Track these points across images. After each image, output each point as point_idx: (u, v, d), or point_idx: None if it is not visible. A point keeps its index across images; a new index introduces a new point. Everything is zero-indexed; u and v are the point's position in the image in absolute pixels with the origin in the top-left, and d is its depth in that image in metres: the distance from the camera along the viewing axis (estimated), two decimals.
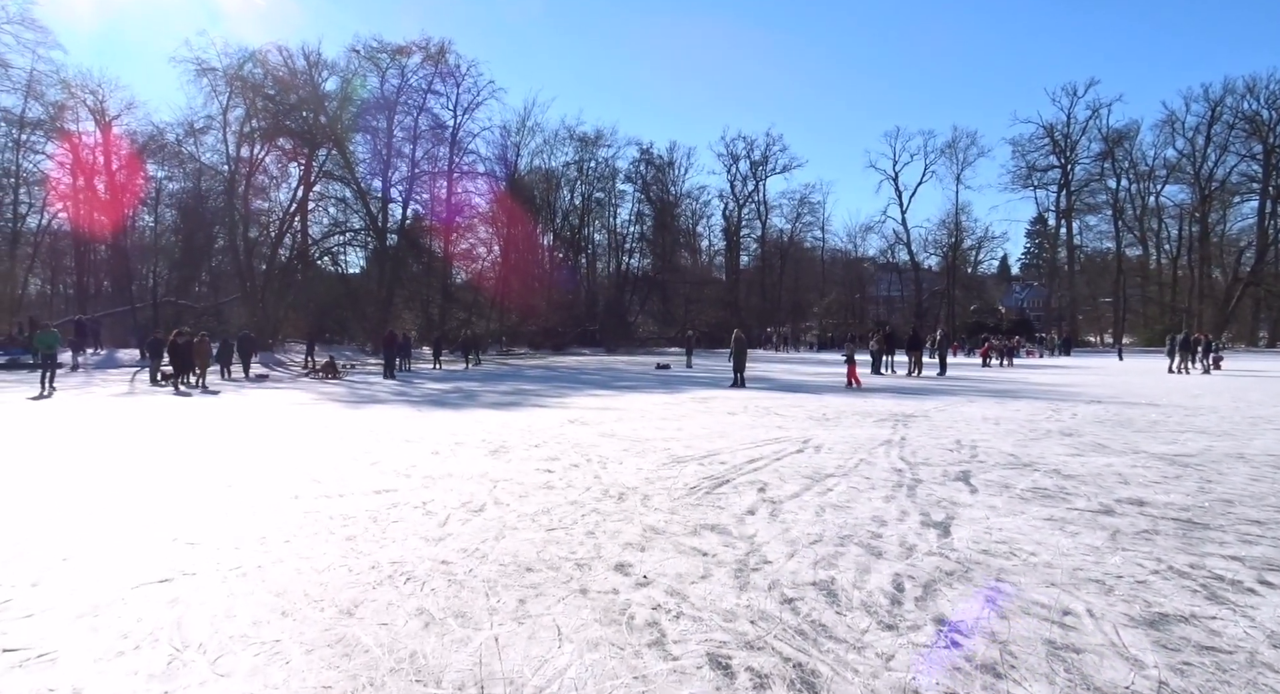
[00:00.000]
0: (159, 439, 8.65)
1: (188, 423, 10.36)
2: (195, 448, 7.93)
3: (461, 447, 7.90)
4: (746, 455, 7.17)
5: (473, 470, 6.48)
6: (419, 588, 3.42)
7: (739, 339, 17.79)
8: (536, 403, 13.29)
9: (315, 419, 10.74)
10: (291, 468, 6.62)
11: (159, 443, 8.33)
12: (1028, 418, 10.41)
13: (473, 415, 11.16)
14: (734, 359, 17.64)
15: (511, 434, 8.89)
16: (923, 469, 6.38)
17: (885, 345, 22.84)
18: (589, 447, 7.86)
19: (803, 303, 66.57)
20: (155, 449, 7.85)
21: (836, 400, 13.34)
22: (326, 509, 5.01)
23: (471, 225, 47.05)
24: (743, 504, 5.07)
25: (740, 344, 17.68)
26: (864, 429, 9.22)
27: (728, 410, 11.66)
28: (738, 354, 17.57)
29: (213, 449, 7.84)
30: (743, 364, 17.54)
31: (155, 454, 7.50)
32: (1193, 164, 52.50)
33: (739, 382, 17.27)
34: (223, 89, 35.79)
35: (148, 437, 8.87)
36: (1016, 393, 15.07)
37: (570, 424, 9.93)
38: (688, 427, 9.56)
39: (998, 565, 3.70)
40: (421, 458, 7.15)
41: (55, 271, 45.59)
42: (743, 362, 17.53)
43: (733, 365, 17.68)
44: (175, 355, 17.33)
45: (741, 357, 17.52)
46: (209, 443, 8.32)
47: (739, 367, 17.47)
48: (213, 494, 5.51)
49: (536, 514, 4.85)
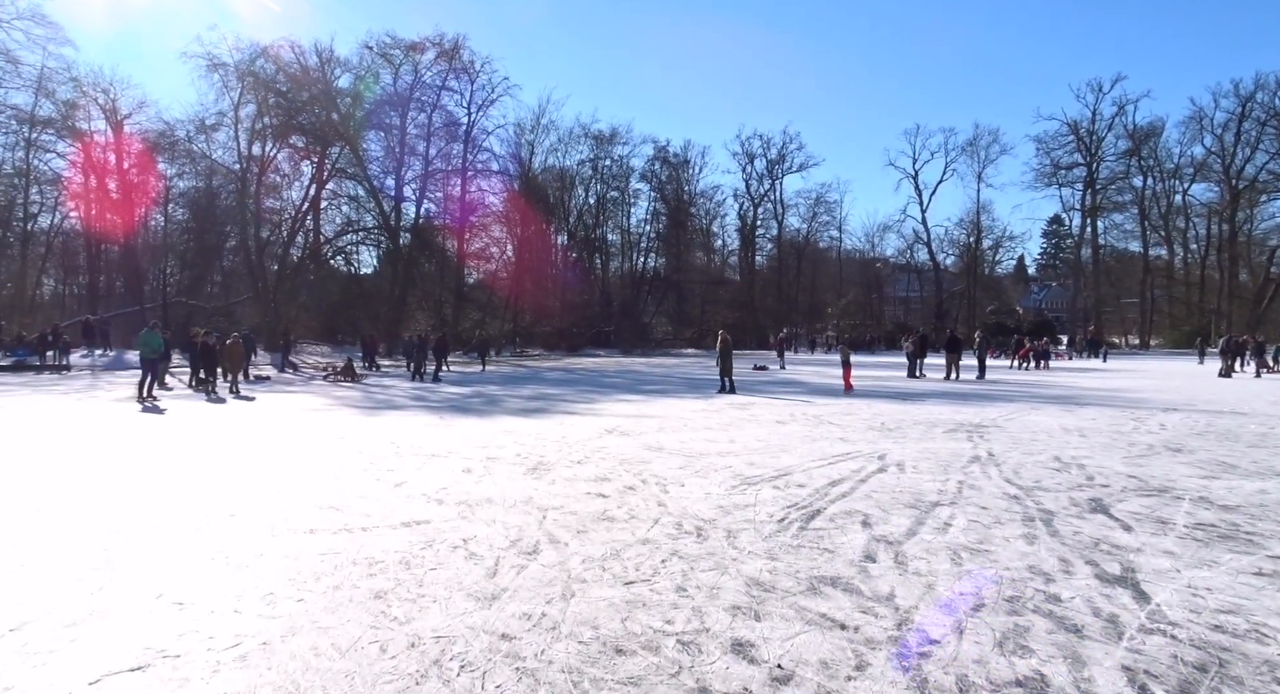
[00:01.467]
0: (157, 453, 7.81)
1: (190, 434, 9.54)
2: (197, 465, 7.08)
3: (495, 463, 7.01)
4: (824, 476, 6.24)
5: (514, 494, 5.58)
6: (478, 684, 2.52)
7: (725, 341, 16.59)
8: (566, 409, 12.40)
9: (330, 428, 9.89)
10: (305, 491, 5.75)
11: (156, 458, 7.49)
12: (1112, 429, 9.41)
13: (500, 424, 10.28)
14: (720, 362, 16.42)
15: (548, 447, 8.00)
16: (1043, 496, 5.42)
17: (920, 348, 21.79)
18: (639, 463, 6.95)
19: (819, 303, 65.37)
20: (151, 466, 7.01)
21: (887, 407, 12.36)
22: (348, 549, 4.13)
23: (485, 224, 46.28)
24: (853, 546, 4.15)
25: (726, 346, 16.45)
26: (937, 442, 8.26)
27: (775, 419, 10.72)
28: (724, 356, 16.36)
29: (216, 466, 6.98)
30: (730, 367, 16.33)
31: (150, 472, 6.65)
32: (1222, 161, 50.97)
33: (727, 386, 16.03)
34: (234, 85, 35.22)
35: (144, 450, 8.04)
36: (1077, 399, 14.03)
37: (609, 435, 9.03)
38: (740, 438, 8.64)
39: (1256, 654, 2.76)
40: (453, 477, 6.26)
41: (67, 271, 45.22)
42: (729, 364, 16.33)
43: (719, 368, 16.43)
44: (205, 358, 16.31)
45: (728, 359, 16.33)
46: (212, 458, 7.47)
47: (726, 370, 16.24)
48: (212, 527, 4.65)
49: (605, 558, 3.94)
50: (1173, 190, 54.70)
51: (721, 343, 16.56)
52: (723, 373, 16.25)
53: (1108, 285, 57.85)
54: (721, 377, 16.26)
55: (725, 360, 16.30)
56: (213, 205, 40.15)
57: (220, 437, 9.05)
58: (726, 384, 16.11)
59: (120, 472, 6.59)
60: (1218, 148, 51.18)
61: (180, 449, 7.99)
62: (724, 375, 16.22)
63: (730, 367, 16.37)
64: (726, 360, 16.30)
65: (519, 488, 5.83)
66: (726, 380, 16.16)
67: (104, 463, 7.07)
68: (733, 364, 16.57)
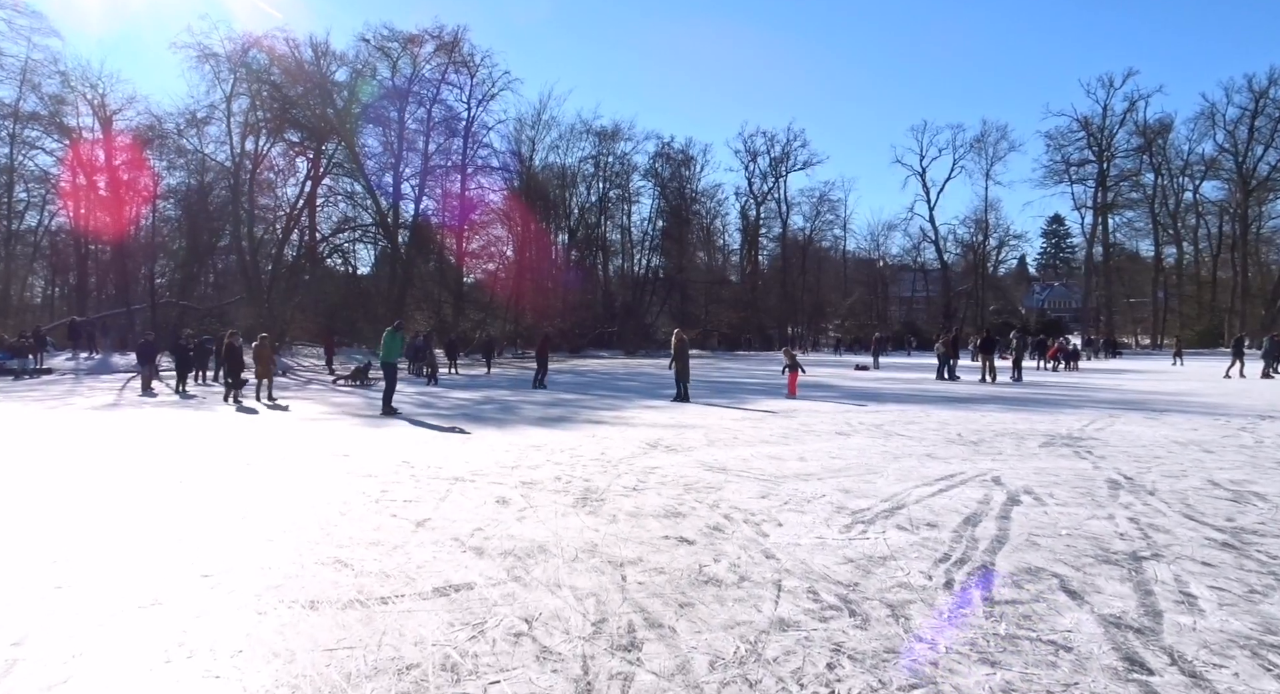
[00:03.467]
0: (118, 478, 6.55)
1: (159, 454, 8.27)
2: (167, 497, 5.83)
3: (534, 490, 5.77)
4: (947, 507, 5.03)
5: (571, 538, 4.35)
6: None
7: (681, 341, 14.11)
8: (591, 418, 11.16)
9: (331, 443, 8.64)
10: (305, 535, 4.51)
11: (116, 485, 6.23)
12: (1228, 441, 8.22)
13: (525, 436, 9.02)
14: (675, 365, 13.92)
15: (589, 467, 6.76)
16: (1263, 541, 4.21)
17: (952, 348, 20.59)
18: (708, 490, 5.72)
19: (823, 303, 64.14)
20: (107, 496, 5.75)
21: (948, 414, 11.15)
22: (364, 639, 2.89)
23: (485, 222, 44.96)
24: (1086, 636, 2.92)
25: (682, 346, 13.97)
26: (1043, 459, 7.05)
27: (833, 429, 9.50)
28: (679, 358, 13.86)
29: (192, 500, 5.73)
30: (686, 371, 13.81)
31: (103, 508, 5.40)
32: (1234, 158, 49.97)
33: (682, 394, 13.58)
34: (226, 77, 33.91)
35: (105, 473, 6.78)
36: (1148, 405, 12.85)
37: (654, 450, 7.80)
38: (809, 454, 7.42)
39: None
40: (487, 512, 5.03)
41: (56, 271, 43.79)
42: (685, 368, 13.83)
43: (674, 373, 13.92)
44: (230, 361, 14.42)
45: (684, 362, 13.84)
46: (188, 488, 6.21)
47: (681, 374, 13.75)
48: (177, 599, 3.40)
49: (741, 660, 2.71)
50: (1181, 187, 53.70)
51: (677, 343, 14.17)
52: (678, 378, 13.84)
53: (1117, 284, 56.77)
54: (677, 382, 13.84)
55: (680, 363, 13.91)
56: (205, 202, 38.78)
57: (197, 456, 7.79)
58: (681, 390, 13.69)
59: (69, 502, 5.34)
60: (1230, 144, 50.19)
61: (146, 473, 6.73)
62: (679, 380, 13.80)
63: (686, 371, 13.90)
64: (682, 363, 13.90)
65: (575, 528, 4.59)
66: (681, 386, 13.74)
67: (52, 489, 5.81)
68: (689, 368, 14.13)
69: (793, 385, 14.88)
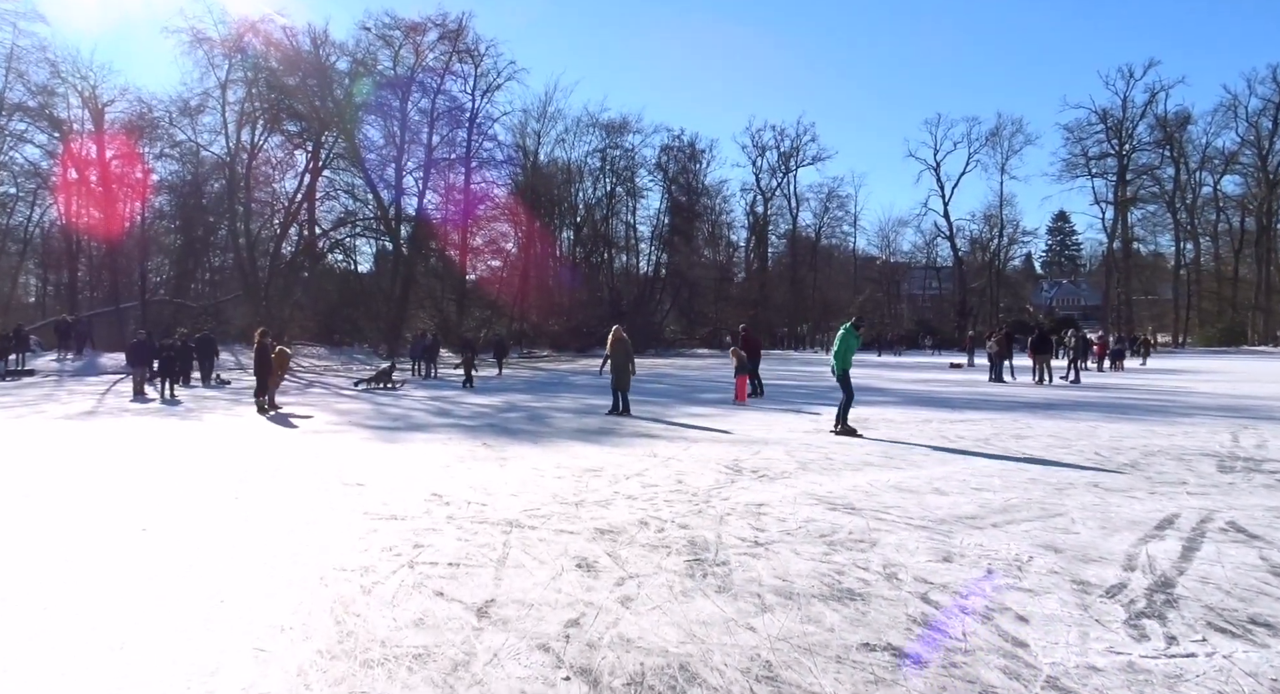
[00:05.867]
0: (70, 523, 5.03)
1: (137, 478, 6.75)
2: (125, 558, 4.31)
3: (620, 543, 4.25)
4: (1234, 582, 3.52)
5: (718, 645, 2.82)
6: None
7: (620, 339, 11.21)
8: (635, 429, 9.62)
9: (340, 466, 7.11)
10: (312, 640, 2.99)
11: (64, 534, 4.72)
12: None
13: (573, 457, 7.49)
14: (612, 372, 11.14)
15: (675, 505, 5.24)
16: None
17: (1006, 347, 19.09)
18: (856, 545, 4.20)
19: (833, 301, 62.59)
20: (41, 561, 4.24)
21: (1050, 424, 9.62)
22: None
23: (490, 217, 43.35)
24: None
25: (623, 346, 11.16)
26: (1252, 492, 5.55)
27: (936, 445, 7.98)
28: (616, 360, 11.10)
29: (153, 564, 4.22)
30: (626, 381, 11.06)
31: (20, 588, 3.89)
32: (1258, 152, 48.49)
33: (620, 405, 11.07)
34: (220, 63, 32.19)
35: (59, 514, 5.25)
36: (1258, 411, 11.36)
37: (740, 476, 6.29)
38: (940, 483, 5.90)
39: None
40: (572, 588, 3.50)
41: (48, 268, 42.20)
42: (625, 377, 11.05)
43: (611, 381, 11.21)
44: (260, 364, 12.61)
45: (623, 366, 11.04)
46: (151, 536, 4.70)
47: (620, 384, 11.03)
48: None
49: None
50: (1200, 182, 52.20)
51: (614, 342, 11.24)
52: (615, 385, 11.11)
53: (1137, 281, 55.32)
54: (614, 391, 11.15)
55: (619, 368, 11.06)
56: (199, 196, 37.18)
57: (173, 487, 6.26)
58: (619, 402, 11.08)
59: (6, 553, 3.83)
60: (1252, 137, 48.72)
61: (103, 514, 5.21)
62: (616, 389, 11.10)
63: (626, 379, 11.04)
64: (621, 369, 11.04)
65: (714, 622, 3.07)
66: (620, 396, 11.07)
67: None
68: (629, 374, 11.10)
69: (741, 391, 13.21)
